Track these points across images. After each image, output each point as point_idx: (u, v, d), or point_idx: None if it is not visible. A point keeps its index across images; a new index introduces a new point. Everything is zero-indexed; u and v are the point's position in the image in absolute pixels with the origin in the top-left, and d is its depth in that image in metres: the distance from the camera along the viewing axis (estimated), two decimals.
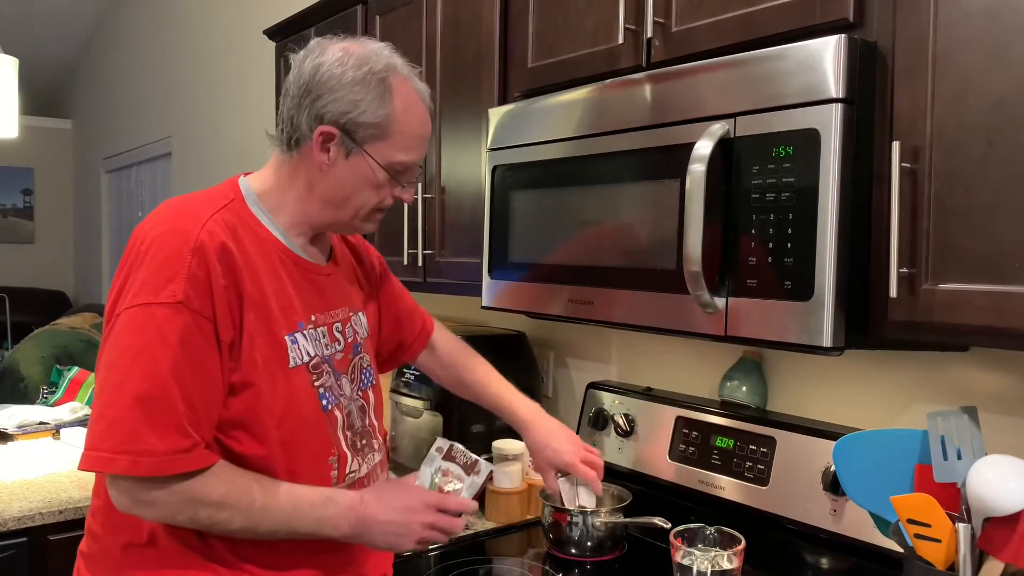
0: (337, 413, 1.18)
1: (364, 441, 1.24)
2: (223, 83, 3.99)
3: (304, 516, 1.08)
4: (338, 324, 1.23)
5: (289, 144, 1.16)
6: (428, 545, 1.19)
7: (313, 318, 1.18)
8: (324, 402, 1.16)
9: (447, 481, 1.19)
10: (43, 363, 3.34)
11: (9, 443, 2.34)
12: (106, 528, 1.14)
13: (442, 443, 1.21)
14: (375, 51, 1.15)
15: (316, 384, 1.15)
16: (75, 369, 2.85)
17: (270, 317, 1.11)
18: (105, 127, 6.13)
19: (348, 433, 1.20)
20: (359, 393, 1.25)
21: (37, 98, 6.84)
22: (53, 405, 2.69)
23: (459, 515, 1.18)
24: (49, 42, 6.21)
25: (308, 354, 1.15)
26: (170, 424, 1.00)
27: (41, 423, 2.45)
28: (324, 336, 1.19)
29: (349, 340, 1.25)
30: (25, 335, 3.76)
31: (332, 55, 1.13)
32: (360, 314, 1.32)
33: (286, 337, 1.12)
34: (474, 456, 1.22)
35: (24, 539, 1.79)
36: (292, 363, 1.12)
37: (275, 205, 1.17)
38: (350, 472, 1.19)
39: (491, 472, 1.22)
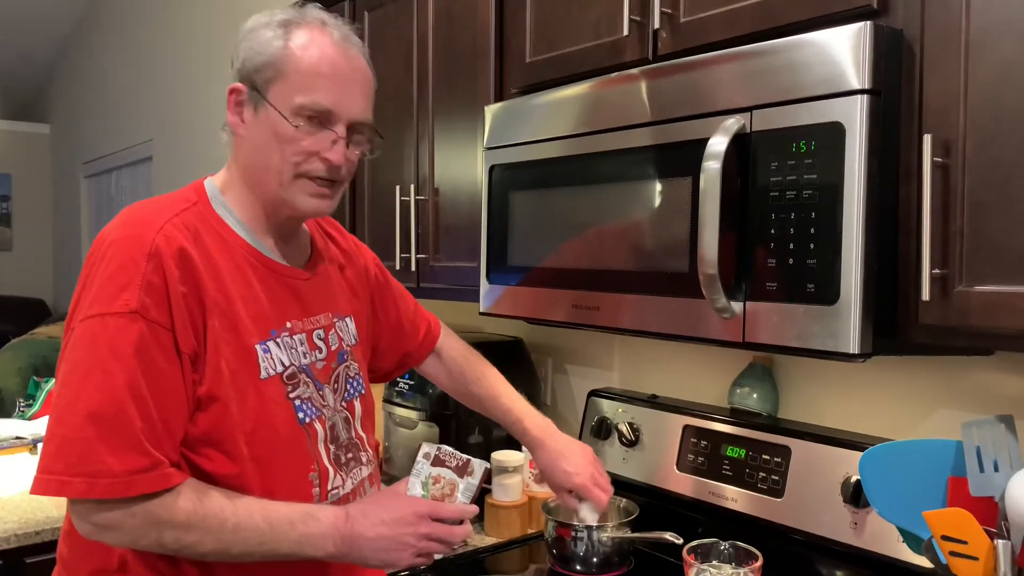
0: (318, 426, 1.10)
1: (350, 455, 1.16)
2: (204, 84, 3.89)
3: (282, 536, 1.00)
4: (319, 331, 1.16)
5: (225, 123, 1.11)
6: (431, 558, 1.10)
7: (289, 325, 1.10)
8: (301, 415, 1.08)
9: (439, 488, 1.11)
10: (20, 374, 3.24)
11: None
12: (74, 553, 1.07)
13: (428, 448, 1.12)
14: (301, 9, 1.09)
15: (291, 396, 1.08)
16: (52, 381, 2.75)
17: (238, 325, 1.03)
18: (84, 131, 6.01)
19: (331, 447, 1.12)
20: (342, 404, 1.17)
21: (14, 102, 6.70)
22: (30, 419, 2.60)
23: (460, 522, 1.10)
24: (26, 45, 6.08)
25: (282, 364, 1.08)
26: (127, 442, 0.93)
27: (17, 438, 2.35)
28: (302, 344, 1.12)
29: (333, 348, 1.18)
30: (3, 344, 3.66)
31: (253, 17, 1.09)
32: (347, 319, 1.24)
33: (257, 346, 1.05)
34: (465, 456, 1.13)
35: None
36: (264, 374, 1.05)
37: (235, 200, 1.11)
38: (332, 488, 1.12)
39: (487, 469, 1.13)
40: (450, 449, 1.12)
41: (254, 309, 1.06)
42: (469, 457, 1.13)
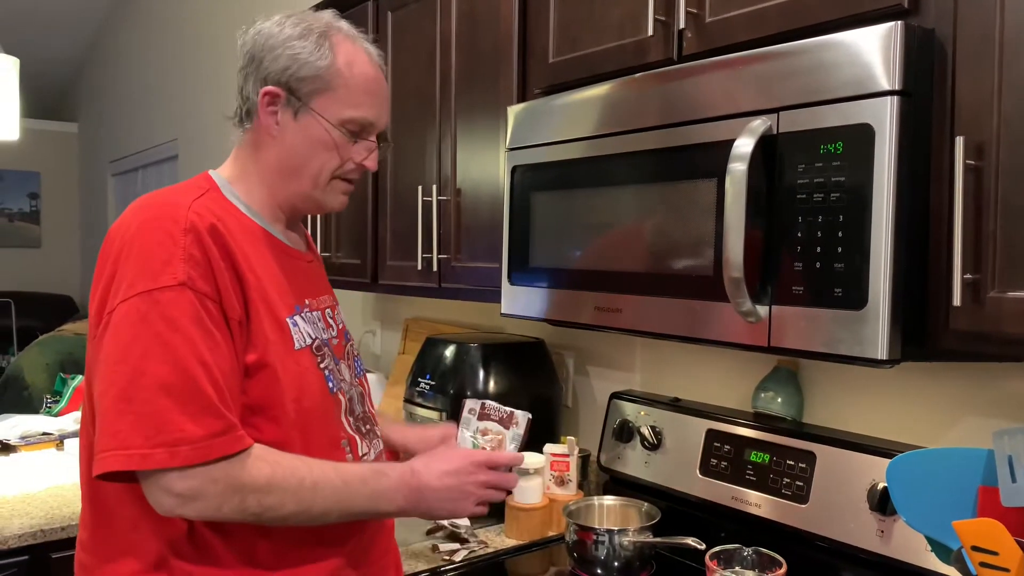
0: (341, 397, 1.15)
1: (367, 427, 1.21)
2: (229, 84, 3.92)
3: (356, 492, 1.05)
4: (328, 310, 1.21)
5: (242, 119, 1.15)
6: (487, 507, 1.16)
7: (307, 303, 1.15)
8: (330, 384, 1.12)
9: (488, 440, 1.16)
10: (48, 370, 3.28)
11: (12, 454, 2.28)
12: (100, 558, 1.06)
13: (473, 404, 1.17)
14: (318, 15, 1.15)
15: (321, 366, 1.12)
16: (79, 378, 2.79)
17: (269, 300, 1.07)
18: (111, 130, 6.08)
19: (351, 418, 1.16)
20: (356, 380, 1.22)
21: (43, 101, 6.79)
22: (57, 415, 2.63)
23: (510, 470, 1.17)
24: (55, 45, 6.16)
25: (310, 336, 1.12)
26: (203, 407, 0.95)
27: (44, 433, 2.38)
28: (319, 320, 1.16)
29: (340, 327, 1.23)
30: (31, 340, 3.71)
31: (273, 19, 1.14)
32: (338, 307, 1.30)
33: (287, 319, 1.09)
34: (508, 408, 1.19)
35: (25, 557, 1.73)
36: (297, 344, 1.09)
37: (246, 191, 1.14)
38: (363, 455, 1.16)
39: (529, 420, 1.19)
40: (494, 403, 1.18)
41: (278, 286, 1.10)
42: (512, 409, 1.19)
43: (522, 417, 1.18)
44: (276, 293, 1.09)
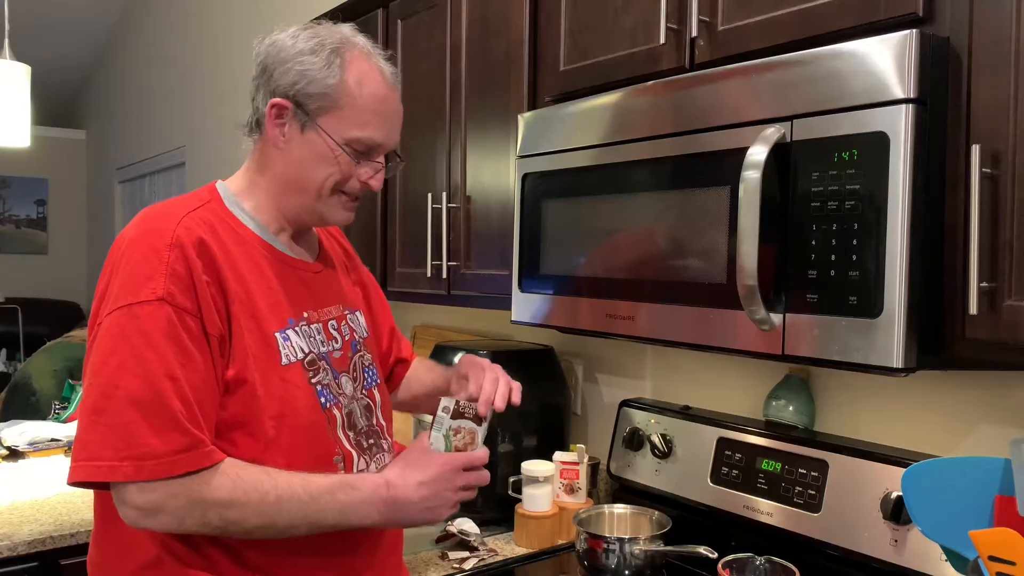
0: (336, 412, 1.13)
1: (371, 441, 1.19)
2: (237, 92, 3.93)
3: (324, 506, 1.03)
4: (333, 321, 1.20)
5: (252, 129, 1.16)
6: (459, 506, 1.15)
7: (305, 315, 1.14)
8: (323, 400, 1.11)
9: (460, 438, 1.15)
10: (55, 376, 3.29)
11: (20, 461, 2.28)
12: (108, 555, 1.09)
13: (447, 402, 1.16)
14: (335, 29, 1.14)
15: (313, 381, 1.11)
16: None
17: (257, 314, 1.07)
18: (119, 137, 6.11)
19: (350, 433, 1.15)
20: (363, 392, 1.20)
21: (51, 108, 6.82)
22: (65, 421, 2.63)
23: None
24: (63, 52, 6.19)
25: (302, 351, 1.11)
26: (168, 423, 0.96)
27: (53, 440, 2.38)
28: (319, 333, 1.15)
29: (347, 338, 1.21)
30: (38, 347, 3.71)
31: (288, 31, 1.13)
32: (357, 313, 1.28)
33: (276, 334, 1.08)
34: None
35: (35, 563, 1.72)
36: (285, 360, 1.08)
37: (253, 202, 1.15)
38: (358, 472, 1.14)
39: (495, 412, 1.19)
40: (465, 401, 1.16)
41: (271, 299, 1.10)
42: None
43: (491, 411, 1.18)
44: (268, 307, 1.08)
